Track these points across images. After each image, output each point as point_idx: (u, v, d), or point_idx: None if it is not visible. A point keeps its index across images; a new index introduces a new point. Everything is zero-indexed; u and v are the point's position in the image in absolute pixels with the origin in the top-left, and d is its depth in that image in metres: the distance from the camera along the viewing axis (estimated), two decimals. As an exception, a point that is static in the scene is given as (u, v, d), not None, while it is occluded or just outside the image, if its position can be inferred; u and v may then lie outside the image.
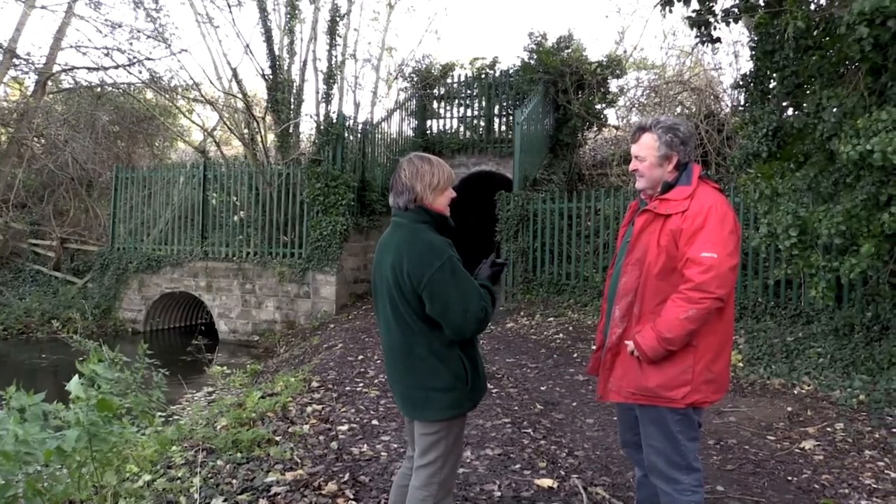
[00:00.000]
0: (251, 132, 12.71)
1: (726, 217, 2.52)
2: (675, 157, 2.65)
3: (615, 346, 2.69)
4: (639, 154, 2.72)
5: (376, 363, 6.99)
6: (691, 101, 13.50)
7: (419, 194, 2.46)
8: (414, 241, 2.40)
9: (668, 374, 2.54)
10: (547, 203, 10.36)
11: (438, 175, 2.50)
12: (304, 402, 5.36)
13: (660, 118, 2.73)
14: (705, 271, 2.43)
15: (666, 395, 2.54)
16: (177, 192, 13.04)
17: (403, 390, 2.53)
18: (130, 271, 12.69)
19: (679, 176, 2.66)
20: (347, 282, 11.47)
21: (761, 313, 7.57)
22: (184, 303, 13.10)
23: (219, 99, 14.35)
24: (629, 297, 2.65)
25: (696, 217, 2.50)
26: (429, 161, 2.52)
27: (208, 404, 5.88)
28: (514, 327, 9.08)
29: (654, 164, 2.67)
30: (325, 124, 11.57)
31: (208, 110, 17.59)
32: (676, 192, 2.62)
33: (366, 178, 12.10)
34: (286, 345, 10.32)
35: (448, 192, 2.55)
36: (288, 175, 11.80)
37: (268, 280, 11.60)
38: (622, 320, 2.67)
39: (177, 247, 12.61)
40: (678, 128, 2.67)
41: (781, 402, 5.47)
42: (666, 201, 2.62)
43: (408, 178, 2.48)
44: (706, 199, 2.56)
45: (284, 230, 11.83)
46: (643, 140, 2.70)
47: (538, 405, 5.56)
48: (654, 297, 2.58)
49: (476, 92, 14.35)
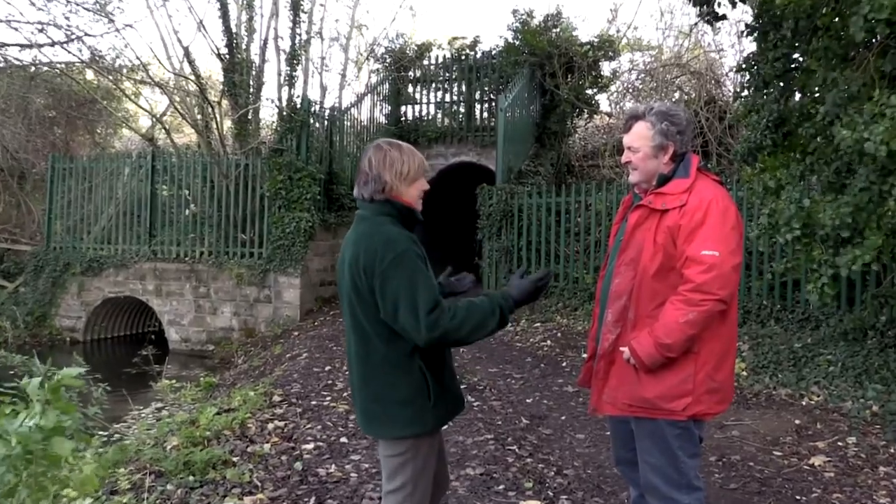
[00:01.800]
0: (205, 118, 12.58)
1: (728, 212, 2.53)
2: (672, 148, 2.66)
3: (608, 354, 2.69)
4: (632, 144, 2.73)
5: (345, 374, 6.93)
6: (690, 86, 13.65)
7: (388, 184, 2.44)
8: (373, 235, 2.38)
9: (668, 384, 2.54)
10: (533, 197, 10.38)
11: (409, 163, 2.48)
12: (264, 418, 5.31)
13: (654, 105, 2.74)
14: (706, 271, 2.44)
15: (665, 406, 2.55)
16: (121, 184, 12.87)
17: (362, 403, 2.50)
18: (69, 274, 12.50)
19: (676, 168, 2.67)
20: (313, 284, 11.40)
21: (766, 317, 7.65)
22: (129, 309, 12.93)
23: (169, 81, 14.18)
24: (623, 300, 2.66)
25: (696, 212, 2.52)
26: (398, 147, 2.50)
27: (157, 422, 5.80)
28: (496, 334, 9.07)
29: (648, 156, 2.69)
30: (287, 110, 11.49)
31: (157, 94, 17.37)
32: (673, 185, 2.63)
33: (333, 169, 12.04)
34: (245, 355, 10.23)
35: (420, 182, 2.53)
36: (247, 166, 11.71)
37: (224, 283, 11.51)
38: (616, 325, 2.68)
39: (121, 246, 12.46)
40: (674, 115, 2.68)
41: (789, 415, 5.54)
42: (662, 195, 2.63)
43: (375, 167, 2.46)
44: (706, 192, 2.57)
45: (243, 227, 11.73)
46: (636, 129, 2.71)
47: (524, 419, 5.56)
48: (651, 299, 2.58)
49: (455, 75, 14.35)
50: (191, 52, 12.60)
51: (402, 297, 2.28)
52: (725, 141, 12.00)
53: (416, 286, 2.28)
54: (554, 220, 10.18)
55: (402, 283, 2.29)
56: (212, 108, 12.42)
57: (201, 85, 12.39)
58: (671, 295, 2.52)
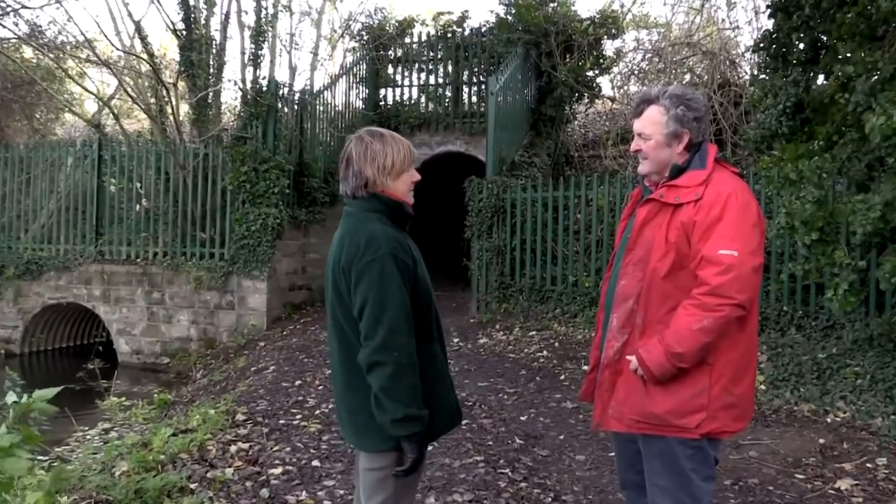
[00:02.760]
0: (159, 102, 12.49)
1: (748, 207, 2.54)
2: (687, 136, 2.66)
3: (614, 363, 2.69)
4: (643, 131, 2.73)
5: (318, 390, 6.93)
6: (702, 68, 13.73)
7: (370, 179, 2.51)
8: (356, 232, 2.47)
9: (680, 398, 2.54)
10: (528, 191, 10.39)
11: (394, 154, 2.54)
12: (226, 439, 5.29)
13: (668, 88, 2.75)
14: (723, 272, 2.44)
15: (677, 422, 2.54)
16: (64, 176, 12.75)
17: (347, 414, 2.59)
18: (3, 278, 12.37)
19: (691, 158, 2.67)
20: (281, 289, 11.35)
21: (786, 324, 7.70)
22: (73, 317, 12.83)
23: (118, 60, 14.07)
24: (629, 304, 2.66)
25: (713, 207, 2.52)
26: (381, 138, 2.55)
27: (104, 445, 5.77)
28: (487, 344, 9.09)
29: (660, 144, 2.68)
30: (252, 93, 11.42)
31: (105, 74, 17.23)
32: (688, 177, 2.63)
33: (304, 160, 12.00)
34: (204, 368, 10.18)
35: (408, 174, 2.59)
36: (206, 156, 11.64)
37: (181, 287, 11.44)
38: (622, 331, 2.68)
39: (64, 246, 12.34)
40: (691, 99, 2.68)
41: (812, 433, 5.56)
42: (675, 188, 2.63)
43: (356, 161, 2.52)
44: (724, 185, 2.57)
45: (202, 225, 11.66)
46: (648, 114, 2.71)
47: (517, 439, 5.56)
48: (661, 303, 2.58)
49: (441, 55, 14.34)
50: (143, 28, 12.55)
51: (370, 302, 2.38)
52: (741, 129, 12.06)
53: (386, 297, 2.38)
54: (551, 216, 10.19)
55: (373, 288, 2.38)
56: (167, 90, 12.33)
57: (155, 64, 12.30)
58: (683, 299, 2.52)
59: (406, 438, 2.41)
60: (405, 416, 2.38)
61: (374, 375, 2.38)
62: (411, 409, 2.39)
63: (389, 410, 2.37)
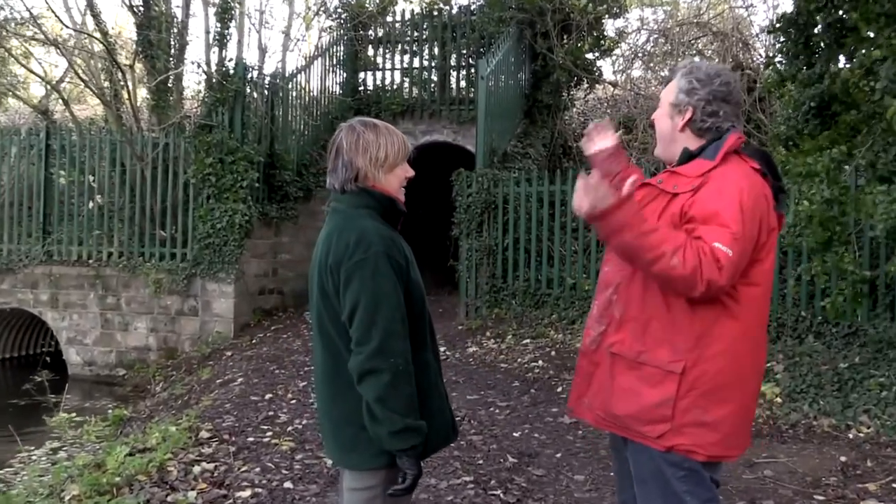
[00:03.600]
0: (114, 86, 12.44)
1: (752, 208, 2.45)
2: (689, 113, 2.64)
3: (591, 353, 2.72)
4: (660, 99, 2.79)
5: (291, 404, 6.91)
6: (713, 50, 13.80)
7: (362, 171, 2.55)
8: (345, 229, 2.48)
9: (642, 404, 2.53)
10: (521, 185, 10.41)
11: (387, 146, 2.58)
12: (189, 459, 5.26)
13: (702, 63, 2.77)
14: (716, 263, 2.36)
15: (638, 428, 2.55)
16: (7, 168, 12.66)
17: (331, 427, 2.59)
18: (-59, 280, 12.25)
19: (706, 145, 2.66)
20: (250, 293, 11.32)
21: (804, 331, 7.73)
22: (18, 324, 12.74)
23: (68, 39, 13.98)
24: (608, 293, 2.67)
25: (708, 201, 2.46)
26: (374, 128, 2.59)
27: (52, 466, 5.71)
28: (477, 353, 9.09)
29: (663, 113, 2.73)
30: (218, 76, 11.38)
31: (53, 55, 17.10)
32: (693, 165, 2.61)
33: (275, 150, 11.97)
34: (164, 380, 10.14)
35: (402, 168, 2.65)
36: (167, 146, 11.59)
37: (138, 291, 11.38)
38: (599, 321, 2.69)
39: (7, 246, 12.26)
40: (711, 76, 2.65)
41: (832, 450, 5.59)
42: (676, 175, 2.62)
43: (346, 151, 2.55)
44: (728, 180, 2.51)
45: (162, 222, 11.62)
46: (669, 84, 2.76)
47: (510, 457, 5.56)
48: (642, 298, 2.56)
49: (426, 35, 14.34)
50: (95, 4, 12.46)
51: (362, 305, 2.39)
52: (755, 116, 12.13)
53: (380, 298, 2.40)
54: (547, 212, 10.21)
55: (365, 289, 2.39)
56: (122, 73, 12.28)
57: (109, 44, 12.24)
58: (668, 297, 2.48)
59: (404, 452, 2.41)
60: (404, 427, 2.38)
61: (368, 384, 2.38)
62: (410, 419, 2.40)
63: (386, 422, 2.37)
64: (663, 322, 2.52)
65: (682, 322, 2.49)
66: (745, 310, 2.52)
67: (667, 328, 2.51)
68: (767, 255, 2.56)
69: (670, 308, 2.50)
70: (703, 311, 2.47)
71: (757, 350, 2.61)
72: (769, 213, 2.55)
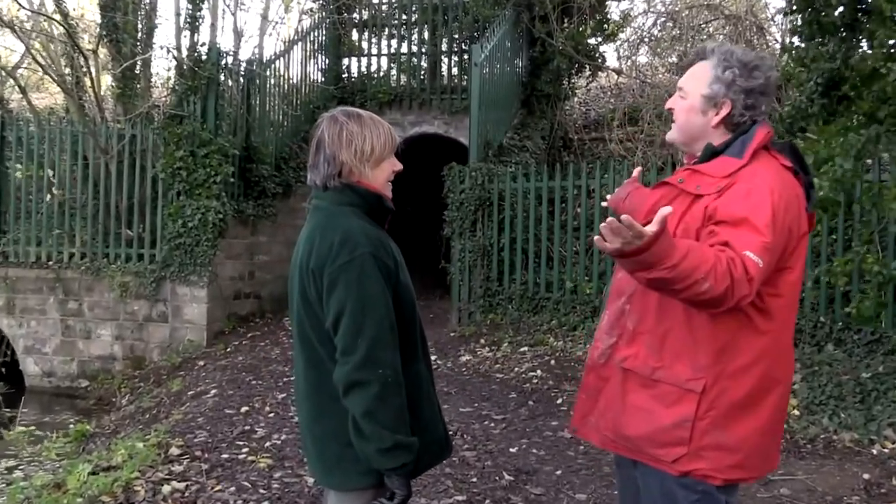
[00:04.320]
0: (75, 72, 12.39)
1: (785, 210, 2.42)
2: (727, 107, 2.58)
3: (599, 367, 2.69)
4: (683, 86, 2.68)
5: (269, 418, 6.90)
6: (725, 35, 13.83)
7: (346, 166, 2.54)
8: (328, 228, 2.48)
9: (657, 424, 2.50)
10: (518, 181, 10.41)
11: (373, 138, 2.57)
12: (158, 478, 5.24)
13: (731, 47, 2.67)
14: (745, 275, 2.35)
15: (651, 451, 2.52)
16: (-40, 162, 12.61)
17: (314, 445, 2.58)
18: None
19: (731, 141, 2.60)
20: (224, 297, 11.30)
21: (823, 338, 7.74)
22: (-28, 331, 12.64)
23: (25, 21, 13.93)
24: (621, 302, 2.65)
25: (737, 204, 2.41)
26: (359, 119, 2.59)
27: (7, 486, 5.73)
28: (471, 361, 9.09)
29: (694, 107, 2.63)
30: (189, 62, 11.35)
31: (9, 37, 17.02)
32: (718, 163, 2.56)
33: (251, 143, 11.94)
34: (131, 392, 10.13)
35: (389, 162, 2.64)
36: (134, 138, 11.56)
37: (103, 296, 11.36)
38: (610, 332, 2.67)
39: (-40, 246, 12.20)
40: (750, 65, 2.59)
41: (855, 467, 5.61)
42: (699, 175, 2.56)
43: (328, 144, 2.54)
44: (759, 179, 2.47)
45: (128, 221, 11.58)
46: (695, 68, 2.67)
47: (506, 475, 5.56)
48: (658, 309, 2.53)
49: (415, 18, 14.34)
50: (56, -17, 12.41)
51: (348, 311, 2.38)
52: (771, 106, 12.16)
53: (367, 304, 2.39)
54: (546, 210, 10.21)
55: (351, 294, 2.38)
56: (85, 58, 12.23)
57: (70, 27, 12.20)
58: (687, 310, 2.44)
59: (394, 471, 2.40)
60: (395, 444, 2.37)
61: (354, 397, 2.37)
62: (400, 435, 2.39)
63: (375, 439, 2.36)
64: (682, 335, 2.49)
65: (702, 335, 2.45)
66: (771, 321, 2.48)
67: (686, 342, 2.48)
68: (797, 263, 2.52)
69: (690, 320, 2.46)
70: (725, 323, 2.43)
71: (784, 363, 2.57)
72: (801, 217, 2.51)
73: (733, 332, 2.44)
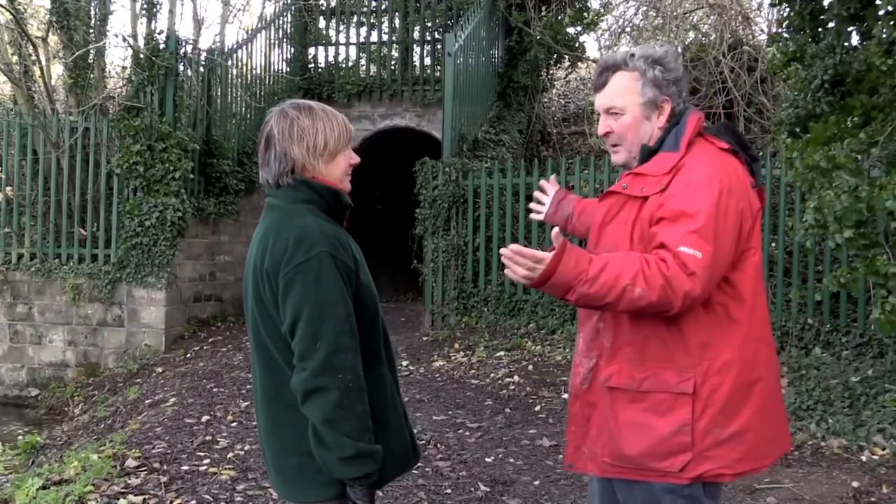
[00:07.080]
0: (24, 61, 12.28)
1: (727, 198, 2.48)
2: (668, 105, 2.65)
3: (583, 393, 2.71)
4: (612, 105, 2.69)
5: (231, 427, 6.88)
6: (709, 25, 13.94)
7: (298, 162, 2.53)
8: (283, 228, 2.46)
9: (655, 437, 2.53)
10: (494, 176, 10.43)
11: (326, 131, 2.55)
12: (113, 491, 5.21)
13: (633, 49, 2.73)
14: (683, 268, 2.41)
15: (657, 466, 2.54)
16: None
17: (273, 456, 2.58)
18: None
19: (664, 136, 2.65)
20: (184, 300, 11.26)
21: (811, 341, 7.81)
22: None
23: (-29, 8, 13.78)
24: (593, 321, 2.68)
25: (675, 199, 2.48)
26: (310, 112, 2.57)
27: (-48, 501, 5.65)
28: (444, 367, 9.11)
29: (637, 119, 2.67)
30: (146, 51, 11.29)
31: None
32: (656, 161, 2.61)
33: (213, 136, 11.91)
34: (85, 401, 10.06)
35: (344, 155, 2.61)
36: (87, 131, 11.48)
37: (54, 299, 11.28)
38: (588, 355, 2.70)
39: None
40: (664, 58, 2.67)
41: (843, 474, 5.66)
42: (641, 177, 2.60)
43: (279, 140, 2.53)
44: (696, 171, 2.53)
45: (81, 219, 11.52)
46: (616, 83, 2.68)
47: (482, 486, 5.57)
48: (633, 321, 2.57)
49: (386, 5, 14.34)
50: (3, -33, 12.30)
51: (305, 314, 2.37)
52: (756, 100, 12.29)
53: (325, 306, 2.38)
54: (523, 207, 10.23)
55: (308, 296, 2.37)
56: (34, 46, 12.14)
57: (17, 12, 12.09)
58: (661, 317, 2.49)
59: (357, 481, 2.40)
60: (357, 452, 2.36)
61: (313, 405, 2.37)
62: (363, 443, 2.38)
63: (335, 448, 2.36)
64: (661, 340, 2.53)
65: (681, 335, 2.51)
66: (745, 307, 2.55)
67: (667, 346, 2.53)
68: (757, 242, 2.60)
69: (666, 323, 2.51)
70: (700, 319, 2.50)
71: (766, 347, 2.64)
72: (748, 196, 2.58)
73: (711, 326, 2.51)
